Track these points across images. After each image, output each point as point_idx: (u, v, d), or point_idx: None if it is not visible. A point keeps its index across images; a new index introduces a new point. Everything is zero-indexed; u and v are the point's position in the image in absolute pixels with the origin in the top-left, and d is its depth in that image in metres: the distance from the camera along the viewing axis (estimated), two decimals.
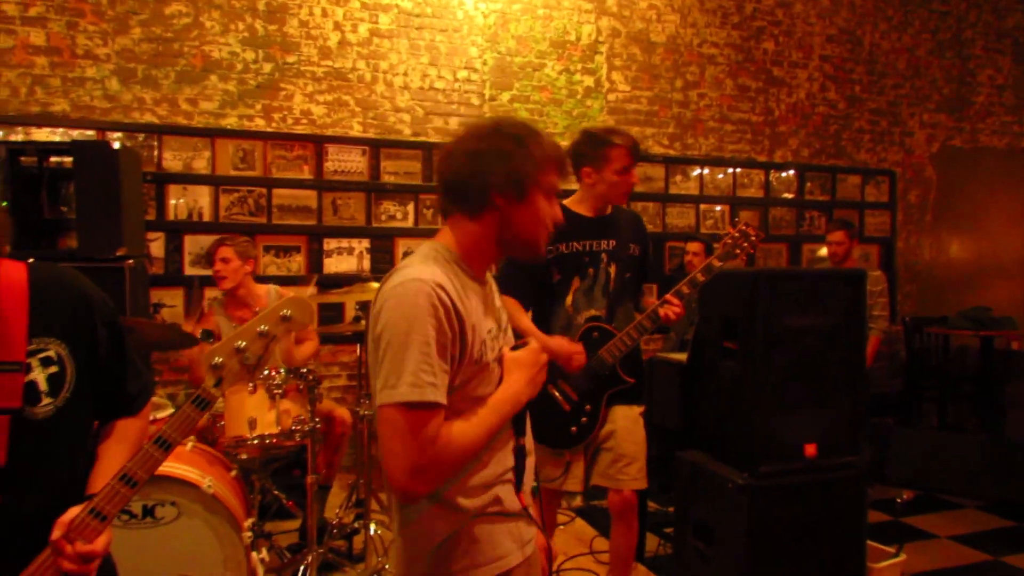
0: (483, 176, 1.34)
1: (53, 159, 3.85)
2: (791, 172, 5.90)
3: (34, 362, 1.33)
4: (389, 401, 1.22)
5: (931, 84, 6.36)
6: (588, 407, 2.62)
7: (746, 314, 3.09)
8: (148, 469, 1.35)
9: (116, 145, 3.62)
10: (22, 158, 3.72)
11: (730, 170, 5.70)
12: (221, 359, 1.38)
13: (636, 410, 2.70)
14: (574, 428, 2.61)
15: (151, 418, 1.96)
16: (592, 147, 2.62)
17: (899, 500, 4.33)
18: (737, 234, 2.60)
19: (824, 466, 3.11)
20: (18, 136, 4.04)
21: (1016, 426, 5.47)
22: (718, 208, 5.67)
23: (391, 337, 1.24)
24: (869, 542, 3.10)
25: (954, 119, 6.47)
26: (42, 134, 4.08)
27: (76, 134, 4.11)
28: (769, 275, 3.19)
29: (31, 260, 1.44)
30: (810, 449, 3.11)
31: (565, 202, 2.80)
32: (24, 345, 1.32)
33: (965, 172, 6.51)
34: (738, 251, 2.60)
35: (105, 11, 4.17)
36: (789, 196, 5.91)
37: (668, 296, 2.56)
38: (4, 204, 3.55)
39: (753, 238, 2.60)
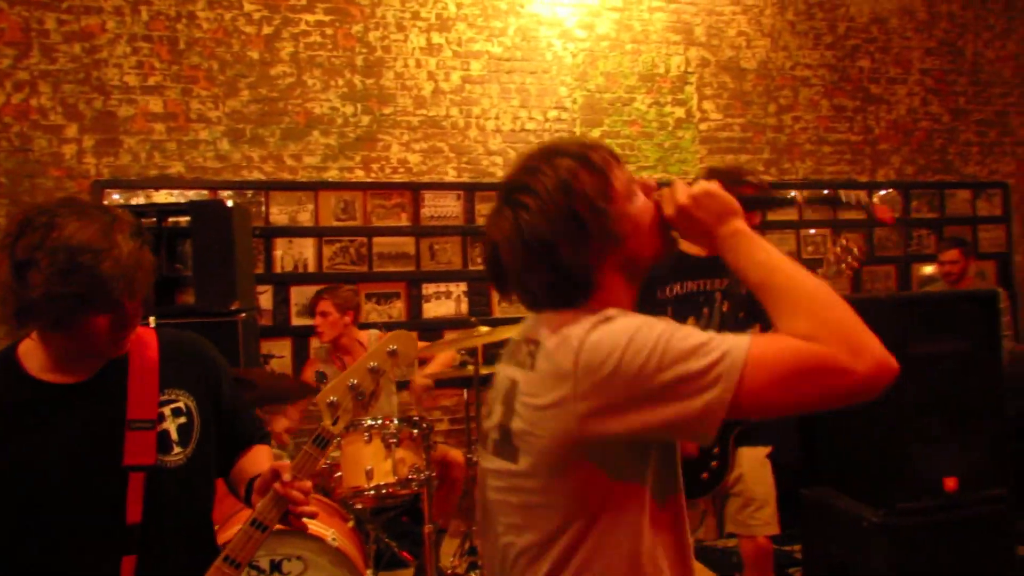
0: None
1: (171, 219, 4.06)
2: (895, 191, 5.65)
3: (166, 411, 1.41)
4: (733, 379, 0.97)
5: None
6: (716, 450, 2.53)
7: None
8: (273, 519, 1.39)
9: (229, 203, 3.78)
10: (143, 220, 3.93)
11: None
12: (336, 397, 1.44)
13: (763, 451, 2.60)
14: (705, 474, 2.52)
15: None
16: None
17: None
18: (839, 250, 2.50)
19: (967, 501, 2.92)
20: (139, 199, 4.28)
21: None
22: (813, 231, 5.48)
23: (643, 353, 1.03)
24: None
25: None
26: (160, 196, 4.31)
27: (192, 194, 4.32)
28: (894, 300, 3.04)
29: (153, 324, 1.57)
30: (950, 483, 2.92)
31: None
32: (156, 401, 1.39)
33: None
34: (843, 266, 2.50)
35: (216, 76, 4.41)
36: (895, 215, 5.65)
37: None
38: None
39: (856, 251, 2.49)
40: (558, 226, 1.10)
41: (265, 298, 4.51)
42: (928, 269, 5.56)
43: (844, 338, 0.97)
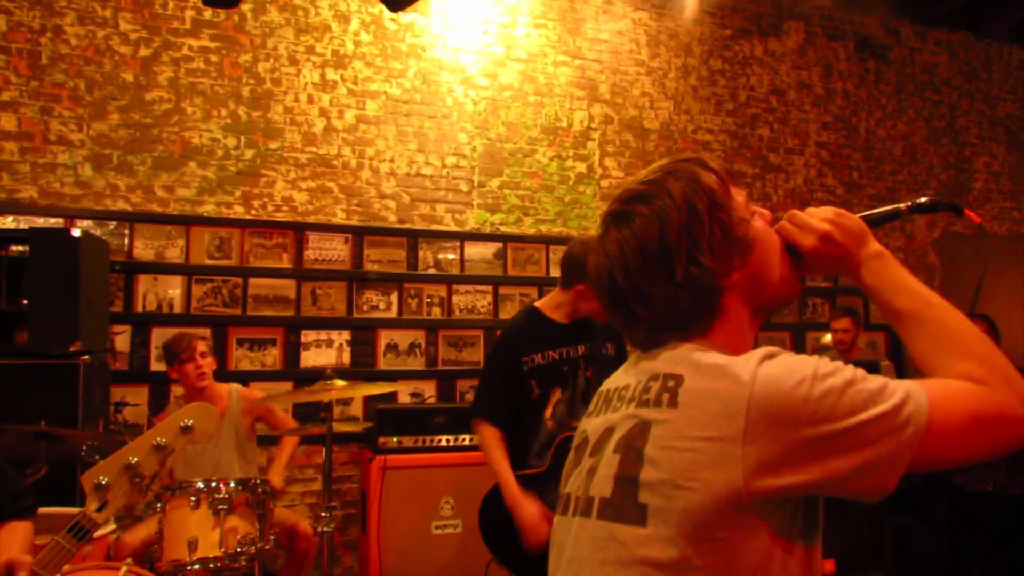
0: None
1: (14, 248, 3.66)
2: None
3: None
4: (923, 422, 0.87)
5: (928, 170, 6.27)
6: None
7: None
8: None
9: (76, 232, 3.42)
10: None
11: None
12: (107, 478, 1.22)
13: None
14: None
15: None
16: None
17: None
18: None
19: None
20: None
21: None
22: None
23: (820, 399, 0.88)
24: None
25: None
26: (6, 222, 3.89)
27: (42, 222, 3.92)
28: None
29: None
30: (828, 566, 2.80)
31: (537, 305, 2.62)
32: None
33: (968, 258, 6.34)
34: None
35: (83, 96, 4.06)
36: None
37: None
38: None
39: None
40: (680, 227, 0.99)
41: (122, 339, 4.10)
42: (827, 338, 5.61)
43: (1013, 386, 0.91)
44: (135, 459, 1.23)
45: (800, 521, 0.93)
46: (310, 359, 4.41)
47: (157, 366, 4.07)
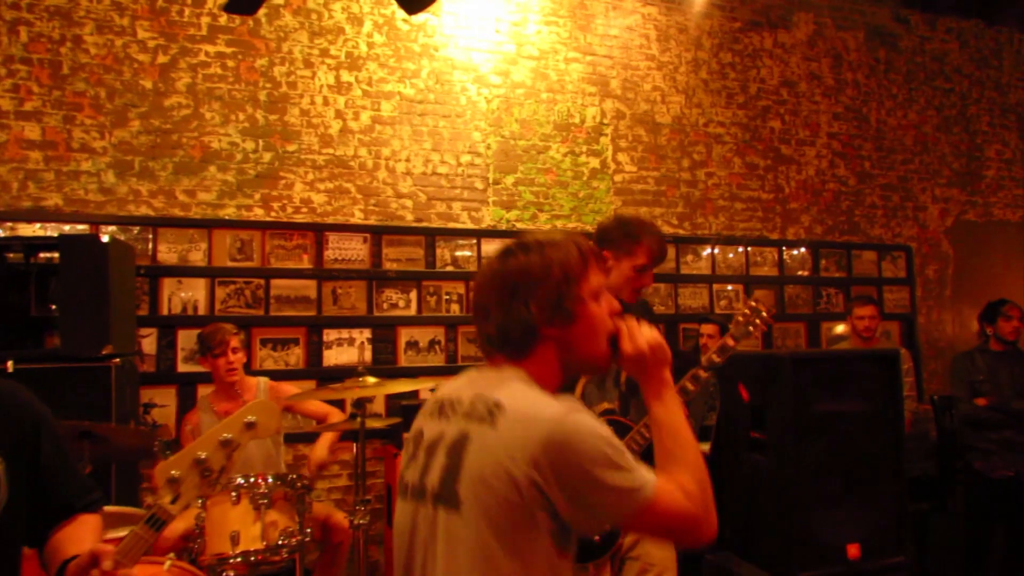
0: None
1: (42, 255, 3.73)
2: (804, 249, 5.74)
3: None
4: (646, 500, 1.22)
5: (940, 159, 6.28)
6: None
7: (775, 400, 2.87)
8: None
9: (105, 238, 3.49)
10: (8, 254, 3.60)
11: (741, 249, 5.55)
12: (179, 472, 1.28)
13: None
14: (597, 537, 2.36)
15: (109, 536, 1.80)
16: (621, 233, 2.53)
17: None
18: (748, 311, 2.45)
19: (869, 569, 2.84)
20: (6, 232, 3.92)
21: None
22: (731, 288, 5.49)
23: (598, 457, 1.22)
24: None
25: (967, 193, 6.36)
26: (33, 230, 3.97)
27: (68, 228, 3.99)
28: (797, 357, 2.99)
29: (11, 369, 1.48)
30: (853, 550, 2.84)
31: None
32: None
33: (981, 246, 6.36)
34: (751, 328, 2.44)
35: (104, 104, 4.13)
36: (804, 274, 5.73)
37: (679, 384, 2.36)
38: None
39: (764, 314, 2.45)
40: (532, 279, 1.31)
41: (149, 342, 4.17)
42: (839, 328, 5.63)
43: (708, 507, 1.27)
44: (204, 454, 1.29)
45: (561, 536, 1.21)
46: (332, 358, 4.48)
47: (184, 367, 4.15)
